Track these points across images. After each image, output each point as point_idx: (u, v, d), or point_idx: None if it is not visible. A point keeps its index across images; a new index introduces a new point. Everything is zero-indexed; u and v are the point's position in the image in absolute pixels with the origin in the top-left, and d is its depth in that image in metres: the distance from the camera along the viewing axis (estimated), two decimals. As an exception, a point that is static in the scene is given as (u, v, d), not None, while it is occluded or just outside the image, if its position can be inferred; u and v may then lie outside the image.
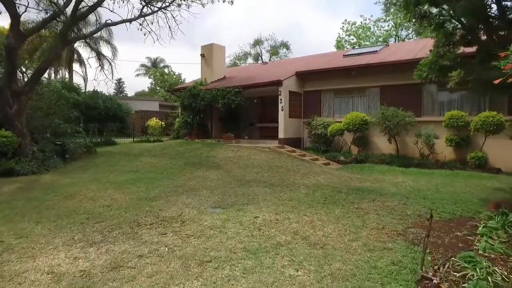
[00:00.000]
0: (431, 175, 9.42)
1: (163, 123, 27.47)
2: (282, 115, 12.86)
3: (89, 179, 8.98)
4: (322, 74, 13.49)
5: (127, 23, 13.22)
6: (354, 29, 27.81)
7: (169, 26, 12.79)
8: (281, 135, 12.93)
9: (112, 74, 27.64)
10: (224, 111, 14.86)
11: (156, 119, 29.18)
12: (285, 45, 45.07)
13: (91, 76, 39.61)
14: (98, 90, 25.00)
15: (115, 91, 62.64)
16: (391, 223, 5.32)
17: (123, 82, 65.86)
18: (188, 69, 77.44)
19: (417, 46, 13.63)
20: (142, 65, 53.63)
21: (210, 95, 14.30)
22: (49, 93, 11.46)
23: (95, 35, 25.86)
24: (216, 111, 16.46)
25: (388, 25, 26.81)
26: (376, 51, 14.31)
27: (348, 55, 14.98)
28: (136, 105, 31.07)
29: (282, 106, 12.83)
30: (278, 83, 12.69)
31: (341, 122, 12.55)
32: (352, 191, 7.61)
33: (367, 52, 14.51)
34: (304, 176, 9.21)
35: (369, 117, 11.95)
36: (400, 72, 11.73)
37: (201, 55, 17.21)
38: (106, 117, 24.38)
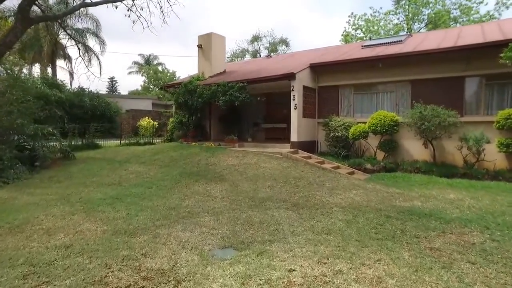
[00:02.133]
0: (489, 190, 7.54)
1: (156, 123, 25.44)
2: (295, 115, 10.91)
3: (56, 197, 6.93)
4: (341, 67, 11.57)
5: (112, 5, 11.19)
6: (362, 23, 25.93)
7: (161, 7, 10.75)
8: (293, 138, 10.98)
9: (100, 69, 25.46)
10: (225, 109, 12.89)
11: (148, 118, 27.12)
12: (284, 42, 43.20)
13: (80, 73, 37.28)
14: (85, 87, 22.81)
15: (107, 89, 60.28)
16: (508, 284, 3.39)
17: (115, 80, 63.57)
18: (183, 67, 75.05)
19: (450, 34, 11.81)
20: (135, 63, 51.55)
21: (209, 91, 12.30)
22: (13, 87, 9.33)
23: (81, 27, 23.75)
24: (215, 110, 14.47)
25: (398, 18, 25.03)
26: (401, 40, 12.44)
27: (368, 46, 13.09)
28: (127, 104, 28.93)
29: (295, 104, 10.88)
30: (291, 76, 10.74)
31: (364, 122, 10.66)
32: (403, 215, 5.69)
33: (390, 42, 12.63)
34: (332, 192, 7.26)
35: (400, 117, 10.07)
36: (437, 64, 9.88)
37: (198, 46, 15.17)
38: (92, 117, 22.23)
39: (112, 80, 62.94)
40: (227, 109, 12.91)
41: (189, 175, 8.56)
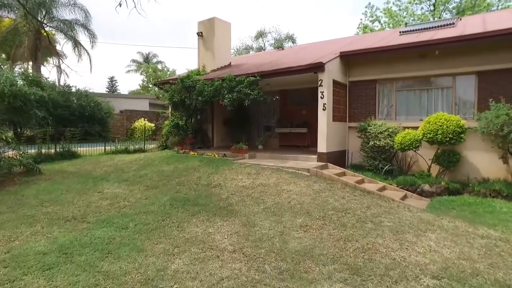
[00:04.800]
0: None
1: (152, 125, 23.07)
2: (324, 117, 8.38)
3: (-27, 248, 4.45)
4: (380, 56, 9.04)
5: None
6: (380, 14, 23.46)
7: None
8: (322, 148, 8.45)
9: (91, 65, 23.07)
10: (230, 110, 10.37)
11: (144, 120, 24.80)
12: (290, 38, 40.77)
13: (70, 71, 34.97)
14: (71, 85, 20.40)
15: (107, 89, 58.13)
16: None
17: (116, 80, 61.47)
18: (185, 66, 72.64)
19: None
20: (133, 61, 49.50)
21: (211, 88, 9.81)
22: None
23: (68, 18, 21.33)
24: (219, 111, 12.00)
25: (422, 8, 22.48)
26: (453, 23, 9.93)
27: (407, 32, 10.56)
28: (123, 104, 26.57)
29: (324, 104, 8.35)
30: (319, 67, 8.22)
31: (413, 128, 8.18)
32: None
33: (437, 26, 10.10)
34: (400, 237, 4.73)
35: (466, 121, 7.55)
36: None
37: (198, 34, 12.68)
38: (80, 118, 19.83)
39: (112, 80, 60.87)
40: (234, 110, 10.41)
41: (184, 204, 6.08)
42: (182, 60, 73.88)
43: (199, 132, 11.74)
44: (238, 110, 11.26)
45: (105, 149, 12.41)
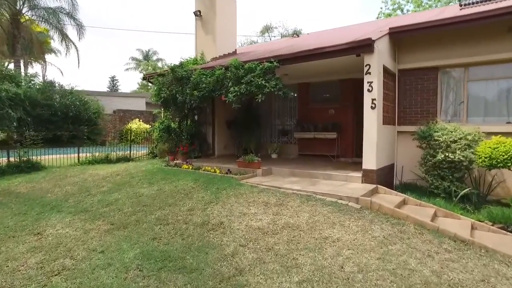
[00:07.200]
0: None
1: (148, 126, 20.67)
2: (373, 119, 5.78)
3: None
4: (446, 31, 6.41)
5: None
6: (403, 1, 20.90)
7: None
8: (370, 162, 5.85)
9: (78, 59, 20.69)
10: (236, 109, 7.81)
11: (139, 121, 22.48)
12: (298, 34, 38.34)
13: (63, 68, 32.69)
14: (54, 81, 17.98)
15: (108, 89, 56.02)
16: None
17: (117, 79, 59.34)
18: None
19: None
20: (133, 58, 47.47)
21: (211, 78, 7.27)
22: None
23: (52, 6, 18.93)
24: (222, 110, 9.46)
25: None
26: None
27: (471, 4, 7.97)
28: (116, 103, 24.18)
29: (374, 100, 5.77)
30: (366, 46, 5.62)
31: (498, 134, 5.61)
32: None
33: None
34: None
35: None
36: None
37: (195, 13, 10.15)
38: (64, 119, 17.41)
39: (113, 79, 58.74)
40: (241, 109, 7.87)
41: (162, 268, 3.54)
42: (184, 56, 71.54)
43: (196, 137, 9.19)
44: (246, 109, 8.78)
45: (78, 157, 9.90)
